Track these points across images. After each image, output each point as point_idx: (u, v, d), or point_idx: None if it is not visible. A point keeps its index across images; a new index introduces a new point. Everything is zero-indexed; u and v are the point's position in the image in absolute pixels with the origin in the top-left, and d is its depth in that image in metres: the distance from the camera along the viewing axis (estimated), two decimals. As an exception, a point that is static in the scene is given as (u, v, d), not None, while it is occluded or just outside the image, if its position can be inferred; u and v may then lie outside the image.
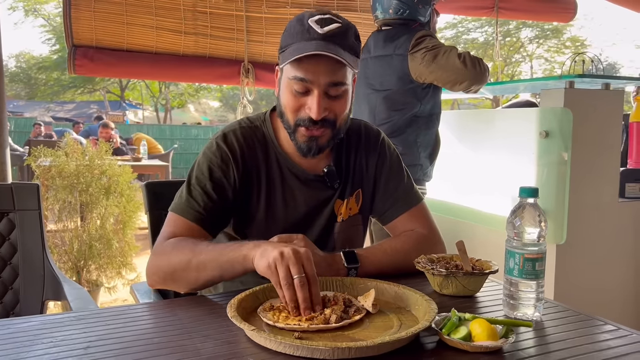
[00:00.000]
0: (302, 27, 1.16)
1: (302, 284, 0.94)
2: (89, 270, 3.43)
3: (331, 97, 1.18)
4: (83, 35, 3.15)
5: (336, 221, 1.33)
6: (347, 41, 1.17)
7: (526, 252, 0.99)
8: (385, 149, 1.39)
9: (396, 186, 1.38)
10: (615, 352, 0.86)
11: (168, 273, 1.13)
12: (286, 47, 1.18)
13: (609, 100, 2.37)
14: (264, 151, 1.28)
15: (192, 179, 1.23)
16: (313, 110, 1.16)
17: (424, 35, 2.31)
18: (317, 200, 1.30)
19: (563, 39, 22.23)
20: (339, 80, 1.17)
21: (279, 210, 1.27)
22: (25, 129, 13.56)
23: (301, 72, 1.14)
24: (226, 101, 26.94)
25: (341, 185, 1.33)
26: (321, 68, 1.14)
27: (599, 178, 2.35)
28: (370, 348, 0.80)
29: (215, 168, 1.23)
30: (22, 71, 25.38)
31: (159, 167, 6.45)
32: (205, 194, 1.20)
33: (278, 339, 0.82)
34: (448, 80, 2.29)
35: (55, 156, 3.42)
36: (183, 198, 1.21)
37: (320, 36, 1.13)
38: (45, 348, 0.84)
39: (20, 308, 1.63)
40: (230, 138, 1.26)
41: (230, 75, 3.58)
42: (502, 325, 0.89)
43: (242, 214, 1.27)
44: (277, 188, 1.27)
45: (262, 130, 1.30)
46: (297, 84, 1.16)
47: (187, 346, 0.85)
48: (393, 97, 2.38)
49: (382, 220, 1.41)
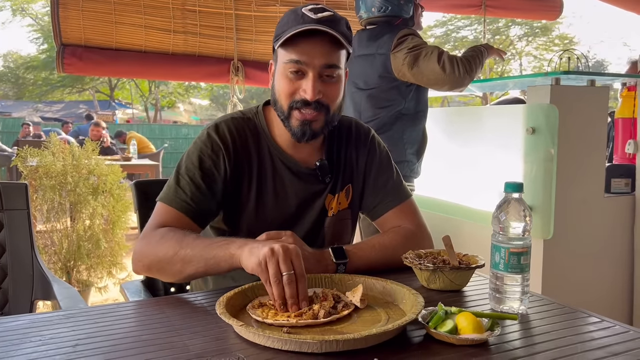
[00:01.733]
0: (296, 15, 1.18)
1: (290, 281, 0.94)
2: (78, 270, 3.42)
3: (325, 80, 1.19)
4: (72, 34, 3.14)
5: (327, 216, 1.34)
6: (340, 27, 1.19)
7: (511, 246, 1.00)
8: (375, 146, 1.41)
9: (385, 182, 1.39)
10: (599, 343, 0.88)
11: (153, 262, 1.13)
12: (280, 34, 1.19)
13: (594, 97, 2.40)
14: (256, 142, 1.28)
15: (182, 169, 1.23)
16: (308, 91, 1.17)
17: (406, 35, 2.32)
18: (308, 193, 1.31)
19: (552, 37, 22.36)
20: (334, 63, 1.19)
21: (270, 201, 1.28)
22: (14, 129, 13.46)
23: (296, 54, 1.16)
24: (216, 100, 26.83)
25: (332, 180, 1.33)
26: (317, 49, 1.16)
27: (585, 173, 2.38)
28: (357, 340, 0.81)
29: (206, 158, 1.22)
30: (9, 71, 25.12)
31: (149, 166, 6.42)
32: (194, 184, 1.20)
33: (266, 334, 0.83)
34: (428, 83, 2.33)
35: (41, 156, 3.40)
36: (171, 187, 1.21)
37: (314, 20, 1.15)
38: (34, 346, 0.84)
39: (10, 308, 1.63)
40: (222, 128, 1.26)
41: (220, 74, 3.58)
42: (487, 319, 0.90)
43: (232, 205, 1.27)
44: (268, 179, 1.28)
45: (255, 122, 1.31)
46: (292, 65, 1.17)
47: (175, 343, 0.85)
48: (377, 95, 2.40)
49: (371, 216, 1.42)
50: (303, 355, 0.81)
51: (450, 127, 2.98)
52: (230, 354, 0.81)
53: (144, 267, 1.15)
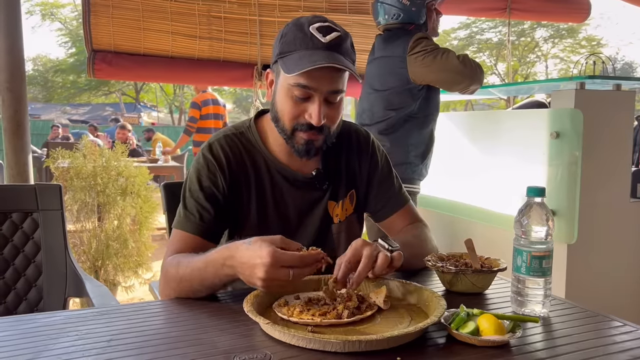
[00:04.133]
0: (304, 34, 1.17)
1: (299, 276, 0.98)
2: (106, 269, 3.50)
3: (329, 103, 1.21)
4: (102, 41, 3.23)
5: (333, 223, 1.36)
6: (347, 49, 1.20)
7: (533, 250, 1.01)
8: (376, 151, 1.44)
9: (389, 187, 1.43)
10: (621, 347, 0.88)
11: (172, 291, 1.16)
12: (288, 53, 1.18)
13: (620, 101, 2.37)
14: (251, 156, 1.30)
15: (186, 192, 1.26)
16: (314, 116, 1.18)
17: (420, 38, 2.39)
18: (306, 201, 1.33)
19: (578, 39, 22.00)
20: (339, 88, 1.20)
21: (271, 213, 1.30)
22: (43, 131, 13.76)
23: (305, 80, 1.16)
24: (239, 103, 27.05)
25: (331, 186, 1.35)
26: (326, 77, 1.16)
27: (610, 178, 2.36)
28: (379, 342, 0.83)
29: (204, 178, 1.25)
30: (39, 74, 25.72)
31: (175, 168, 6.51)
32: (199, 205, 1.23)
33: (292, 332, 0.85)
34: (447, 80, 2.38)
35: (73, 158, 3.50)
36: (181, 213, 1.24)
37: (325, 45, 1.15)
38: (71, 341, 0.88)
39: (44, 304, 1.68)
40: (215, 147, 1.28)
41: (244, 78, 3.63)
42: (509, 321, 0.91)
43: (234, 220, 1.29)
44: (267, 191, 1.30)
45: (248, 135, 1.32)
46: (299, 90, 1.18)
47: (204, 339, 0.89)
48: (390, 98, 2.46)
49: (375, 218, 1.46)
50: (327, 353, 0.84)
51: (474, 130, 2.97)
52: (258, 351, 0.84)
53: (167, 297, 1.18)
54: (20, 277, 1.69)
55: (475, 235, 1.32)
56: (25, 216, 1.69)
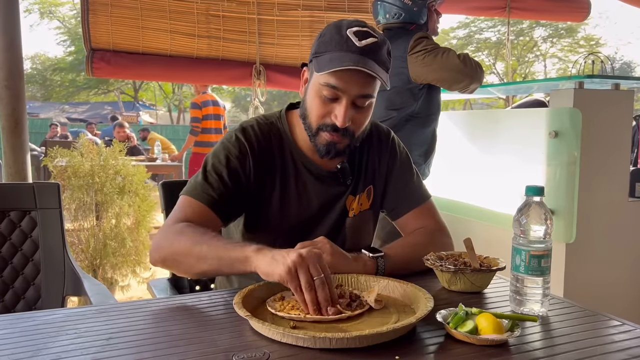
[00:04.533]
0: (341, 37, 1.18)
1: (322, 285, 0.95)
2: (104, 268, 3.50)
3: (357, 107, 1.21)
4: (100, 39, 3.22)
5: (347, 216, 1.36)
6: (382, 57, 1.19)
7: (532, 249, 1.01)
8: (396, 147, 1.44)
9: (406, 183, 1.42)
10: (620, 346, 0.89)
11: (169, 254, 1.15)
12: (322, 53, 1.20)
13: (618, 101, 2.38)
14: (280, 146, 1.31)
15: (209, 166, 1.26)
16: (339, 118, 1.19)
17: (421, 37, 2.40)
18: (329, 195, 1.33)
19: (577, 38, 22.03)
20: (368, 93, 1.20)
21: (293, 204, 1.30)
22: (41, 129, 13.74)
23: (334, 80, 1.17)
24: (238, 102, 27.05)
25: (353, 181, 1.36)
26: (355, 80, 1.17)
27: (609, 177, 2.36)
28: (350, 340, 0.83)
29: (233, 158, 1.26)
30: (37, 72, 25.69)
31: (173, 167, 6.51)
32: (221, 181, 1.23)
33: (266, 326, 0.87)
34: (448, 79, 2.38)
35: (71, 156, 3.49)
36: (198, 182, 1.23)
37: (358, 49, 1.16)
38: (70, 339, 0.88)
39: (42, 303, 1.68)
40: (249, 131, 1.29)
41: (242, 77, 3.63)
42: (507, 320, 0.91)
43: (255, 207, 1.30)
44: (291, 182, 1.31)
45: (278, 126, 1.34)
46: (328, 90, 1.18)
47: (204, 338, 0.89)
48: (391, 97, 2.46)
49: (392, 216, 1.44)
50: (327, 352, 0.84)
51: (472, 129, 2.98)
52: (257, 350, 0.84)
53: (159, 258, 1.17)
54: (19, 275, 1.69)
55: (474, 234, 1.32)
56: (24, 215, 1.69)
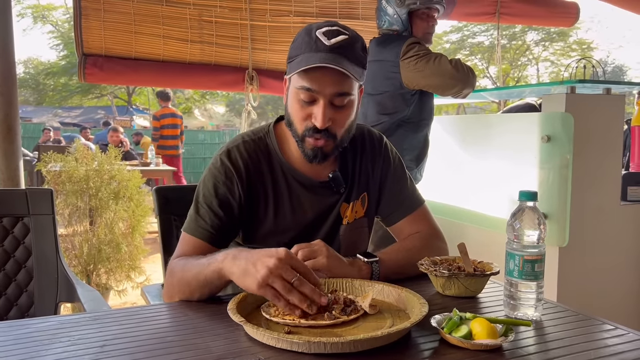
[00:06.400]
0: (310, 38, 1.18)
1: (301, 282, 0.96)
2: (98, 273, 3.48)
3: (336, 107, 1.21)
4: (93, 44, 3.21)
5: (341, 224, 1.35)
6: (354, 53, 1.19)
7: (526, 254, 1.02)
8: (389, 154, 1.43)
9: (401, 190, 1.41)
10: (613, 350, 0.89)
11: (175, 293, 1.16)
12: (294, 57, 1.21)
13: (610, 105, 2.39)
14: (268, 163, 1.31)
15: (200, 197, 1.26)
16: (318, 119, 1.19)
17: (413, 43, 2.41)
18: (323, 205, 1.33)
19: (569, 42, 22.14)
20: (345, 91, 1.20)
21: (288, 219, 1.30)
22: (34, 134, 13.65)
23: (307, 82, 1.17)
24: (232, 106, 27.01)
25: (347, 189, 1.35)
26: (327, 79, 1.17)
27: (601, 181, 2.38)
28: (345, 344, 0.83)
29: (220, 185, 1.25)
30: (30, 77, 25.53)
31: (167, 171, 6.50)
32: (212, 212, 1.23)
33: (262, 332, 0.87)
34: (440, 85, 2.39)
35: (65, 161, 3.48)
36: (192, 217, 1.25)
37: (327, 48, 1.16)
38: (64, 346, 0.87)
39: (35, 310, 1.67)
40: (233, 154, 1.28)
41: (235, 82, 3.64)
42: (502, 325, 0.92)
43: (251, 224, 1.30)
44: (284, 197, 1.30)
45: (266, 141, 1.33)
46: (304, 93, 1.19)
47: (199, 344, 0.89)
48: (383, 102, 2.48)
49: (386, 222, 1.44)
50: (324, 357, 0.84)
51: (465, 134, 2.99)
52: (251, 355, 0.84)
53: (169, 299, 1.18)
54: (11, 282, 1.68)
55: (468, 238, 1.33)
56: (16, 221, 1.68)
